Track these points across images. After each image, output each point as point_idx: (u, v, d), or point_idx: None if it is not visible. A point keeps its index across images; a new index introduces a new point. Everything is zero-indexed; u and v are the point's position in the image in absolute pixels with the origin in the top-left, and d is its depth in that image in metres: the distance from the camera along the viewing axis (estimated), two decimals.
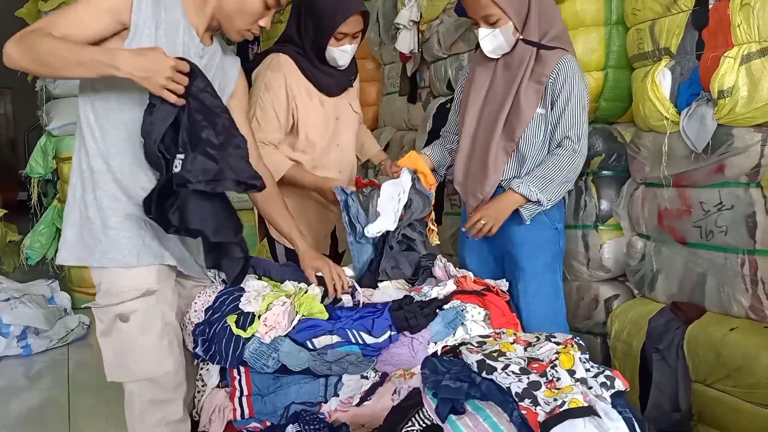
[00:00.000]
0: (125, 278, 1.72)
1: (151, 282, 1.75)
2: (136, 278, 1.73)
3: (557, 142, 2.26)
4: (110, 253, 1.72)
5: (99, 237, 1.72)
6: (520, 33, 2.26)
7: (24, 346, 3.72)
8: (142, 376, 1.75)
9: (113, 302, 1.72)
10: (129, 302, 1.72)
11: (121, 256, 1.72)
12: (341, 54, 2.40)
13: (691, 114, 2.27)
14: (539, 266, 2.32)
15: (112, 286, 1.73)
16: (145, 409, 1.76)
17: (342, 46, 2.38)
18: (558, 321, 2.36)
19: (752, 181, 2.18)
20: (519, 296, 2.29)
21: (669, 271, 2.49)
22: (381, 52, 4.21)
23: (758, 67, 2.09)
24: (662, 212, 2.50)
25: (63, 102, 4.61)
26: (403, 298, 1.99)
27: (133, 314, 1.72)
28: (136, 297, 1.72)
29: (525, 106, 2.24)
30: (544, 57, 2.25)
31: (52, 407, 3.13)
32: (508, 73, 2.30)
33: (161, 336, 1.76)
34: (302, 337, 1.90)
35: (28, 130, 9.67)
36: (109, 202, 1.72)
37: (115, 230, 1.71)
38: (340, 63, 2.43)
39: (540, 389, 1.41)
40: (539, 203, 2.23)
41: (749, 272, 2.18)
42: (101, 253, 1.72)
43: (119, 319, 1.72)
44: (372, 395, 1.91)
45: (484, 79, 2.37)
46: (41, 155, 4.65)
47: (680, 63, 2.36)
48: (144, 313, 1.73)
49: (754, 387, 2.08)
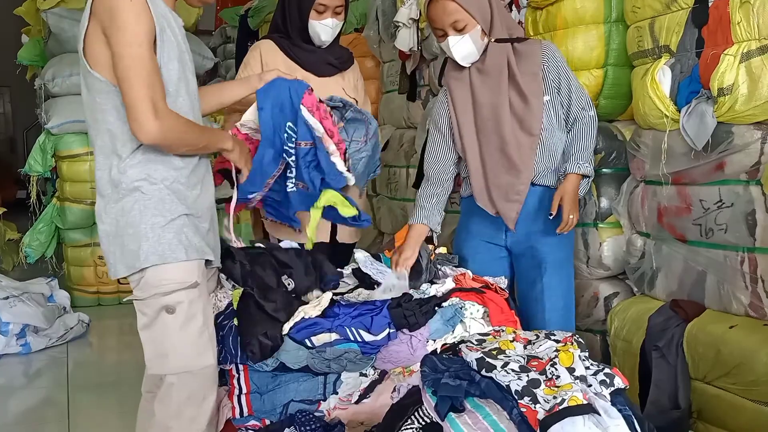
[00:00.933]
0: (171, 272, 1.74)
1: (195, 275, 1.77)
2: (181, 271, 1.75)
3: (573, 118, 2.33)
4: (158, 252, 1.73)
5: (142, 238, 1.72)
6: (487, 36, 2.28)
7: (23, 345, 3.71)
8: (183, 368, 1.76)
9: (161, 292, 1.73)
10: (176, 293, 1.73)
11: (170, 252, 1.73)
12: (323, 28, 2.45)
13: (691, 112, 2.27)
14: (562, 259, 2.36)
15: (156, 279, 1.74)
16: (182, 404, 1.77)
17: (323, 20, 2.44)
18: (571, 313, 2.40)
19: (752, 178, 2.17)
20: (543, 290, 2.30)
21: (669, 269, 2.49)
22: (380, 50, 4.20)
23: (758, 64, 2.09)
24: (662, 210, 2.50)
25: (62, 100, 4.60)
26: (401, 296, 1.99)
27: (179, 305, 1.74)
28: (183, 288, 1.74)
29: (532, 98, 2.26)
30: (524, 49, 2.28)
31: (51, 406, 3.13)
32: (487, 78, 2.31)
33: (202, 329, 1.78)
34: (301, 335, 1.90)
35: (27, 128, 9.67)
36: (154, 203, 1.74)
37: (161, 229, 1.73)
38: (323, 38, 2.48)
39: (539, 387, 1.41)
40: (590, 177, 2.33)
41: (749, 270, 2.18)
42: (148, 253, 1.72)
43: (165, 311, 1.74)
44: (371, 393, 1.92)
45: (463, 94, 2.37)
46: (40, 153, 4.64)
47: (680, 61, 2.36)
48: (189, 305, 1.75)
49: (754, 384, 2.08)
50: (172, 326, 1.74)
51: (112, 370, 3.54)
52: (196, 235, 1.78)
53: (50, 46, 4.79)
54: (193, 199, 1.80)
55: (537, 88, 2.26)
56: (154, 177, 1.74)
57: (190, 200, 1.79)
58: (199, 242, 1.79)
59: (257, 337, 1.88)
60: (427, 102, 3.71)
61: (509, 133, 2.29)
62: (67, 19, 4.64)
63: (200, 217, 1.82)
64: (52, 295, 4.12)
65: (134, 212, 1.73)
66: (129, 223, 1.73)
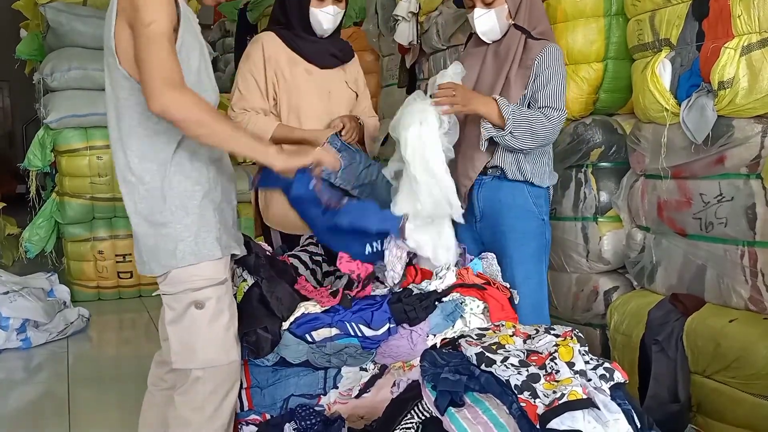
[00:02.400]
0: (200, 268, 1.74)
1: (224, 271, 1.78)
2: (210, 268, 1.75)
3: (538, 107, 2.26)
4: (195, 251, 1.73)
5: (178, 238, 1.72)
6: (512, 19, 2.29)
7: (23, 339, 3.71)
8: (209, 363, 1.76)
9: (192, 288, 1.74)
10: (206, 289, 1.74)
11: (207, 251, 1.74)
12: (324, 16, 2.42)
13: (691, 105, 2.26)
14: (526, 255, 2.30)
15: (188, 274, 1.74)
16: (207, 398, 1.77)
17: (324, 8, 2.41)
18: (541, 312, 2.34)
19: (752, 172, 2.17)
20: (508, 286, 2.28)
21: (668, 263, 2.49)
22: (380, 43, 4.19)
23: (758, 58, 2.09)
24: (662, 204, 2.49)
25: (60, 95, 4.59)
26: (402, 291, 1.99)
27: (208, 301, 1.74)
28: (212, 284, 1.75)
29: (514, 91, 2.27)
30: (531, 45, 2.28)
31: (51, 400, 3.13)
32: (497, 61, 2.32)
33: (228, 325, 1.79)
34: (301, 330, 1.90)
35: (26, 122, 9.66)
36: (183, 201, 1.73)
37: (196, 227, 1.73)
38: (324, 27, 2.45)
39: (539, 381, 1.41)
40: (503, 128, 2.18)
41: (749, 264, 2.18)
42: (185, 252, 1.72)
43: (194, 306, 1.74)
44: (371, 387, 1.92)
45: (475, 67, 2.38)
46: (39, 148, 4.63)
47: (680, 54, 2.35)
48: (217, 301, 1.76)
49: (753, 378, 2.08)
50: (201, 321, 1.75)
51: (112, 364, 3.55)
52: (225, 231, 1.79)
53: (48, 40, 4.78)
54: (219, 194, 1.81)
55: (522, 81, 2.27)
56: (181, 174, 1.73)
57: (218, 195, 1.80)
58: (227, 239, 1.80)
59: (257, 331, 1.88)
60: None
61: None
62: (65, 13, 4.63)
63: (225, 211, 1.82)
64: (52, 289, 4.11)
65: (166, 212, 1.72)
66: (162, 223, 1.73)
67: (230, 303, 1.81)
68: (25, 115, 9.66)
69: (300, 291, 2.04)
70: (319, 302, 1.96)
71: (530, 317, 2.17)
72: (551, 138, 2.28)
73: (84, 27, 4.62)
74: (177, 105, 1.61)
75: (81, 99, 4.53)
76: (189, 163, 1.74)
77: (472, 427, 1.40)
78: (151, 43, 1.61)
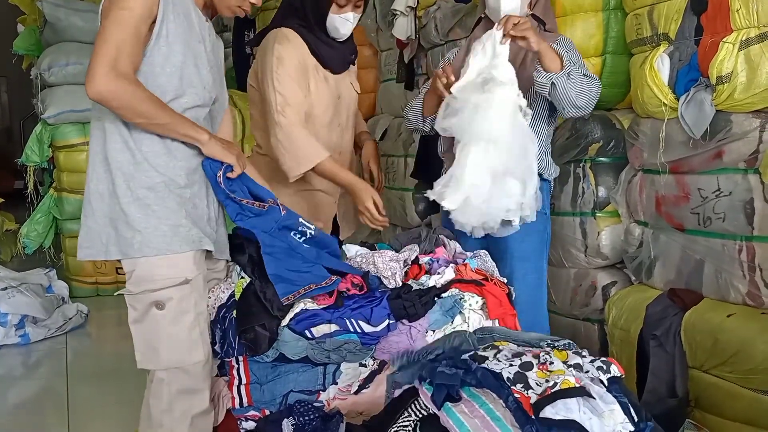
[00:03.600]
0: (162, 266, 1.72)
1: (188, 270, 1.75)
2: (173, 266, 1.73)
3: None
4: (152, 242, 1.70)
5: (138, 227, 1.70)
6: (531, 8, 2.25)
7: (22, 335, 3.71)
8: (173, 364, 1.75)
9: (150, 288, 1.72)
10: (166, 290, 1.72)
11: (165, 244, 1.71)
12: (343, 22, 2.32)
13: (690, 100, 2.26)
14: (527, 250, 2.27)
15: (149, 273, 1.72)
16: (174, 399, 1.76)
17: (344, 14, 2.30)
18: (539, 309, 2.33)
19: (750, 167, 2.17)
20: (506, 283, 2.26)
21: (666, 258, 2.49)
22: (378, 38, 4.18)
23: (757, 52, 2.08)
24: (660, 199, 2.49)
25: (58, 90, 4.58)
26: (401, 287, 1.99)
27: (168, 302, 1.72)
28: (173, 285, 1.72)
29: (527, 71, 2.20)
30: (545, 35, 2.21)
31: (50, 396, 3.13)
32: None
33: (193, 325, 1.77)
34: (301, 327, 1.90)
35: (23, 118, 9.63)
36: (146, 192, 1.71)
37: (156, 219, 1.71)
38: (342, 32, 2.34)
39: (532, 369, 1.41)
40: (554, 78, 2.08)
41: (747, 258, 2.18)
42: (141, 243, 1.70)
43: (155, 307, 1.72)
44: (370, 383, 1.92)
45: None
46: (37, 144, 4.62)
47: (679, 48, 2.35)
48: (179, 302, 1.74)
49: (751, 373, 2.09)
50: (162, 322, 1.73)
51: (111, 360, 3.55)
52: (194, 226, 1.76)
53: (46, 35, 4.76)
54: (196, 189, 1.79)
55: (532, 65, 2.19)
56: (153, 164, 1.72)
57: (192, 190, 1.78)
58: (197, 233, 1.77)
59: (255, 328, 1.88)
60: None
61: None
62: (63, 8, 4.61)
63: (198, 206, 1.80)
64: (50, 285, 4.12)
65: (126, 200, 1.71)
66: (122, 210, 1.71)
67: (197, 302, 1.78)
68: (22, 111, 9.64)
69: None
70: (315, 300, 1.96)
71: (528, 313, 2.16)
72: (592, 103, 2.19)
73: (81, 22, 4.61)
74: (113, 94, 1.60)
75: (78, 94, 4.52)
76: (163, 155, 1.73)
77: (469, 421, 1.40)
78: (116, 25, 1.60)
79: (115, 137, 1.73)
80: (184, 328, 1.74)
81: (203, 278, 1.84)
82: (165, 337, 1.74)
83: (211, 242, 1.81)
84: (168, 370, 1.75)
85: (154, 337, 1.75)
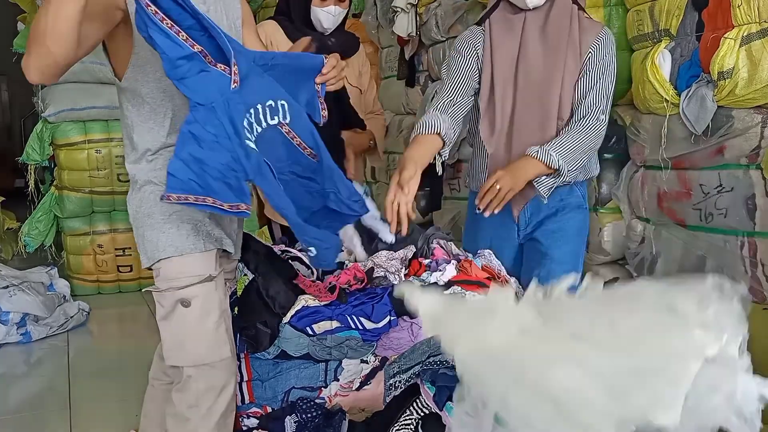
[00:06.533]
0: (186, 264, 1.72)
1: (212, 267, 1.75)
2: (197, 264, 1.73)
3: (582, 113, 2.01)
4: (177, 242, 1.71)
5: (162, 229, 1.71)
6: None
7: (23, 333, 3.71)
8: (200, 361, 1.75)
9: (175, 286, 1.72)
10: (191, 287, 1.71)
11: (190, 243, 1.71)
12: (326, 16, 2.43)
13: (691, 96, 2.26)
14: (567, 253, 2.12)
15: (173, 271, 1.72)
16: (201, 395, 1.76)
17: (326, 7, 2.43)
18: None
19: (752, 162, 2.17)
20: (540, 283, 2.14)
21: (668, 254, 2.49)
22: (379, 35, 4.18)
23: (758, 48, 2.08)
24: (662, 195, 2.49)
25: (59, 88, 4.57)
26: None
27: (194, 299, 1.72)
28: (197, 282, 1.72)
29: (567, 84, 2.00)
30: (587, 26, 2.02)
31: (52, 394, 3.13)
32: (546, 39, 2.01)
33: (219, 322, 1.77)
34: (302, 323, 1.90)
35: (24, 116, 9.63)
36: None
37: (179, 219, 1.71)
38: (325, 26, 2.45)
39: None
40: (558, 173, 1.94)
41: (749, 254, 2.18)
42: (166, 244, 1.71)
43: (181, 304, 1.72)
44: (372, 379, 1.92)
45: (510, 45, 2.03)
46: (37, 142, 4.62)
47: (680, 44, 2.34)
48: (204, 299, 1.73)
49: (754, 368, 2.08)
50: (189, 319, 1.74)
51: (113, 358, 3.55)
52: (215, 225, 1.77)
53: None
54: None
55: (575, 69, 2.00)
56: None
57: None
58: (219, 232, 1.78)
59: (256, 325, 1.88)
60: (426, 88, 3.69)
61: (555, 104, 2.00)
62: None
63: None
64: (51, 283, 4.11)
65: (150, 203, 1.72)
66: (147, 214, 1.72)
67: (221, 300, 1.78)
68: (23, 109, 9.63)
69: (299, 285, 2.04)
70: (317, 297, 1.96)
71: None
72: (599, 144, 2.07)
73: None
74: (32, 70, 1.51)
75: (79, 92, 4.52)
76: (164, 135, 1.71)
77: None
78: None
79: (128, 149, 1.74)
80: (210, 325, 1.75)
81: (223, 276, 1.84)
82: (192, 334, 1.74)
83: (232, 243, 1.82)
84: (197, 367, 1.75)
85: (182, 335, 1.75)
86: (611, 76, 2.04)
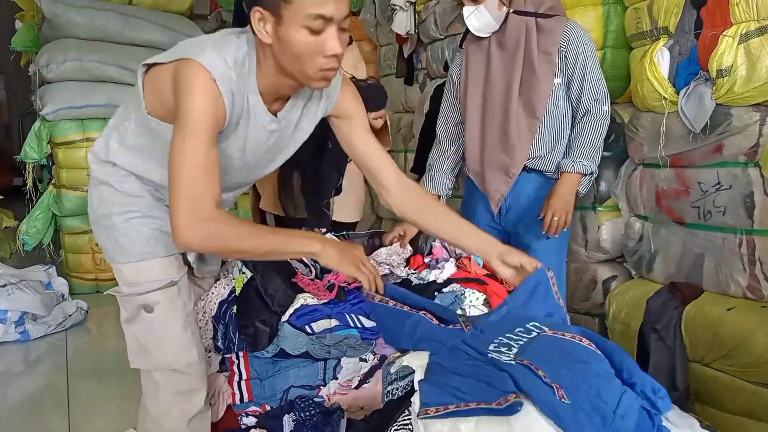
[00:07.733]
0: (147, 269, 1.70)
1: (173, 272, 1.73)
2: (156, 269, 1.71)
3: (584, 109, 2.25)
4: (136, 247, 1.69)
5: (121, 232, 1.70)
6: (507, 6, 2.21)
7: (22, 332, 3.71)
8: (167, 366, 1.74)
9: (137, 292, 1.70)
10: (153, 293, 1.70)
11: (149, 248, 1.69)
12: None
13: (690, 93, 2.26)
14: (549, 247, 2.28)
15: (134, 277, 1.71)
16: (171, 400, 1.75)
17: None
18: None
19: (750, 160, 2.17)
20: None
21: (667, 252, 2.49)
22: (377, 33, 4.18)
23: (757, 45, 2.08)
24: (660, 193, 2.49)
25: (57, 86, 4.57)
26: (400, 282, 1.99)
27: (157, 305, 1.70)
28: (159, 288, 1.70)
29: (542, 79, 2.19)
30: (547, 26, 2.20)
31: (50, 393, 3.13)
32: (505, 52, 2.25)
33: (185, 326, 1.75)
34: (301, 322, 1.90)
35: (22, 115, 9.62)
36: (130, 200, 1.71)
37: (140, 224, 1.69)
38: None
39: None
40: (592, 174, 2.27)
41: (747, 252, 2.18)
42: (126, 248, 1.70)
43: (144, 310, 1.71)
44: (371, 378, 1.92)
45: (479, 63, 2.32)
46: (35, 140, 4.61)
47: (679, 42, 2.34)
48: (167, 305, 1.71)
49: (752, 366, 2.09)
50: (154, 325, 1.72)
51: (111, 356, 3.54)
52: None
53: (44, 31, 4.75)
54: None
55: (548, 68, 2.19)
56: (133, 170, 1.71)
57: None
58: None
59: (255, 324, 1.87)
60: (425, 86, 3.69)
61: (513, 112, 2.23)
62: (61, 4, 4.59)
63: None
64: (50, 282, 4.11)
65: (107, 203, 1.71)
66: (105, 214, 1.71)
67: (185, 303, 1.75)
68: (21, 108, 9.62)
69: (298, 283, 2.04)
70: (316, 296, 1.96)
71: None
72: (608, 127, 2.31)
73: (80, 18, 4.59)
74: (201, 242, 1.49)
75: (77, 90, 4.51)
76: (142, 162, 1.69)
77: None
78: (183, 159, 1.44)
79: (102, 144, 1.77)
80: (176, 330, 1.73)
81: (187, 279, 1.81)
82: (157, 339, 1.73)
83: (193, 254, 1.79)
84: (164, 372, 1.74)
85: (146, 339, 1.73)
86: (595, 64, 2.23)
